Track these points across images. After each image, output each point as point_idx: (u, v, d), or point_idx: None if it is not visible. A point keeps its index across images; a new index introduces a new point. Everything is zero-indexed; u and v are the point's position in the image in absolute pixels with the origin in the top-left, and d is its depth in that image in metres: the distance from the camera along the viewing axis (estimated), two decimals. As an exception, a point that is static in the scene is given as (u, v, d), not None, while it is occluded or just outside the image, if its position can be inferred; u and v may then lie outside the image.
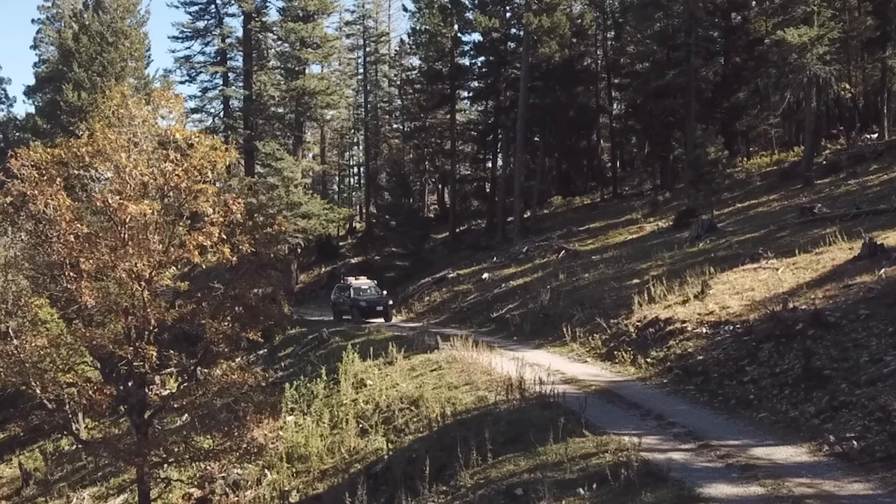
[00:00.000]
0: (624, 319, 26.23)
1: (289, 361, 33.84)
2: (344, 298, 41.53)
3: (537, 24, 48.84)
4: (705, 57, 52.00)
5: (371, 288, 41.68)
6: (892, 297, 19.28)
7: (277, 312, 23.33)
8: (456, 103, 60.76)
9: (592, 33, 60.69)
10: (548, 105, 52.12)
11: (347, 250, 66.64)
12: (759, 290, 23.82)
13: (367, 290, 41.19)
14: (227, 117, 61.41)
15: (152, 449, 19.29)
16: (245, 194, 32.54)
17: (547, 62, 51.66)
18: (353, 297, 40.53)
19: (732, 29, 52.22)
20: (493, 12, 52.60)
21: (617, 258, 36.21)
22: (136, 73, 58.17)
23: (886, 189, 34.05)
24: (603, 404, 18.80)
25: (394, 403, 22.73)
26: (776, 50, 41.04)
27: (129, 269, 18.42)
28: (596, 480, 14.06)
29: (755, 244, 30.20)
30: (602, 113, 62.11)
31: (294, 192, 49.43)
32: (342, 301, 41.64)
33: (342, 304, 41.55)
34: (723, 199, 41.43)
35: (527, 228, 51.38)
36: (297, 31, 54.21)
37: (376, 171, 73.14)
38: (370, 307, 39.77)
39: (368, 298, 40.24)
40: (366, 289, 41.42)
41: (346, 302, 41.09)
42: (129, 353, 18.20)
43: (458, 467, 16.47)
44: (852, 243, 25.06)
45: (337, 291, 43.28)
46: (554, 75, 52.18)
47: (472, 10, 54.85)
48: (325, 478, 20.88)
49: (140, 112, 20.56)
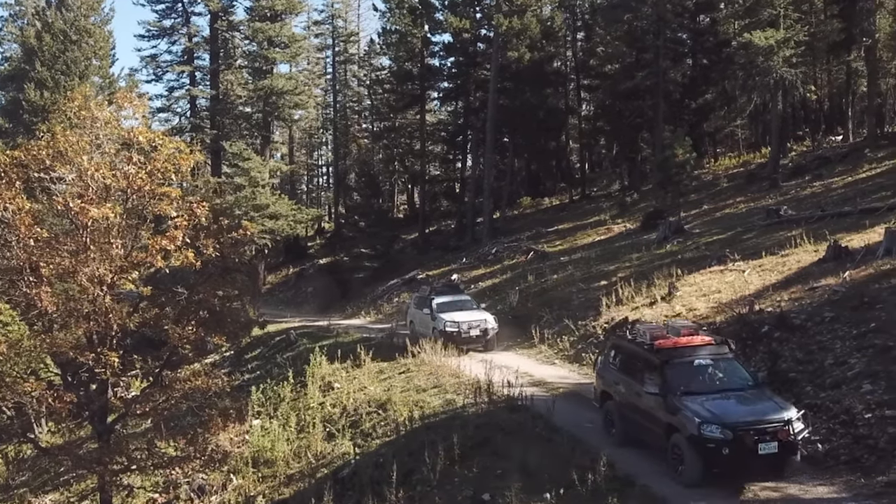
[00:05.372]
0: (592, 321, 26.29)
1: (256, 364, 33.49)
2: (422, 318, 29.33)
3: (507, 25, 48.85)
4: (674, 59, 52.30)
5: (462, 302, 29.47)
6: (856, 300, 19.47)
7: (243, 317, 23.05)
8: (426, 104, 60.61)
9: (562, 35, 60.79)
10: (517, 106, 52.13)
11: (316, 251, 66.27)
12: (725, 292, 23.98)
13: (457, 306, 28.76)
14: (193, 117, 60.84)
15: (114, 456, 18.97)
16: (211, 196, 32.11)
17: (517, 63, 51.68)
18: (435, 315, 28.13)
19: (700, 31, 52.60)
20: (463, 13, 52.50)
21: (585, 259, 36.29)
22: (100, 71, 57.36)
23: (851, 191, 34.41)
24: (571, 407, 18.83)
25: (361, 407, 22.56)
26: (743, 52, 41.30)
27: (91, 274, 18.07)
28: (563, 485, 14.08)
29: (722, 246, 30.38)
30: (571, 114, 62.25)
31: (261, 192, 49.04)
32: (420, 321, 29.52)
33: (420, 325, 29.45)
34: (690, 200, 41.69)
35: (496, 229, 51.37)
36: (265, 31, 53.84)
37: (345, 171, 72.81)
38: (462, 332, 27.29)
39: (459, 319, 27.66)
40: (454, 303, 29.05)
41: (423, 322, 29.11)
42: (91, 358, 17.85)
43: (426, 471, 16.39)
44: (817, 245, 25.30)
45: (412, 306, 31.19)
46: (524, 77, 52.21)
47: (442, 10, 54.73)
48: (292, 483, 20.66)
49: (102, 114, 20.16)
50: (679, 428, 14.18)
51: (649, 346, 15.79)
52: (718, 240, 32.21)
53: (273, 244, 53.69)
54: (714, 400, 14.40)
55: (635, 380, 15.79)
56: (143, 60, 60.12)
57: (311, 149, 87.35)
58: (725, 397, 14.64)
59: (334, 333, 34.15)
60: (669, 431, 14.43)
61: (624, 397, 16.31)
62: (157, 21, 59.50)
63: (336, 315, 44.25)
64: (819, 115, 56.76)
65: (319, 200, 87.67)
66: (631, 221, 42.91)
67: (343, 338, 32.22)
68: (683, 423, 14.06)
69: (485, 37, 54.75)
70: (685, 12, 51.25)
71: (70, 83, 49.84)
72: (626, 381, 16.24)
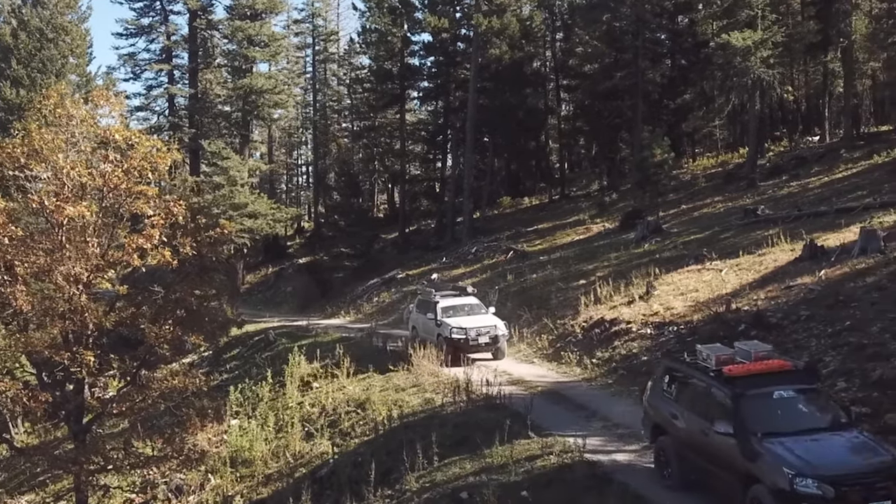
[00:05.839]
0: (570, 320, 26.37)
1: (234, 364, 33.36)
2: (425, 323, 26.62)
3: (487, 25, 48.87)
4: (652, 59, 52.53)
5: (470, 306, 26.55)
6: (831, 299, 19.65)
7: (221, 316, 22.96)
8: (406, 103, 60.51)
9: (541, 35, 60.87)
10: (497, 106, 52.17)
11: (295, 250, 66.05)
12: (703, 291, 24.12)
13: (464, 310, 26.12)
14: (172, 116, 60.53)
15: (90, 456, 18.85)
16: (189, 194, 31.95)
17: (496, 63, 51.71)
18: (440, 320, 25.45)
19: (679, 32, 52.85)
20: (442, 13, 52.48)
21: (564, 259, 36.39)
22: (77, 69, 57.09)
23: (827, 191, 34.71)
24: (549, 405, 18.89)
25: (340, 406, 22.55)
26: (721, 53, 41.52)
27: (67, 273, 17.97)
28: (540, 483, 14.12)
29: (700, 245, 30.56)
30: (551, 114, 62.37)
31: (240, 191, 48.85)
32: (423, 327, 26.76)
33: (423, 331, 26.68)
34: (668, 200, 41.89)
35: (476, 229, 51.39)
36: (245, 30, 53.63)
37: (325, 170, 72.56)
38: (469, 339, 24.70)
39: (467, 325, 24.98)
40: (461, 307, 26.32)
41: (426, 327, 26.42)
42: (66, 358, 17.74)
43: (404, 471, 16.41)
44: (794, 245, 25.50)
45: (416, 309, 28.13)
46: (503, 76, 52.26)
47: (421, 10, 54.69)
48: (270, 482, 20.62)
49: (78, 112, 20.05)
50: (761, 478, 11.40)
51: (716, 374, 12.90)
52: (696, 239, 32.39)
53: (252, 243, 53.50)
54: (804, 443, 11.56)
55: (699, 414, 12.94)
56: (120, 59, 59.83)
57: (291, 148, 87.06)
58: (817, 440, 11.76)
59: (313, 333, 34.06)
60: (747, 482, 11.69)
61: (684, 434, 13.35)
62: (135, 19, 59.18)
63: (315, 315, 44.15)
64: (796, 116, 57.19)
65: (299, 200, 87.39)
66: (610, 221, 43.07)
67: (322, 337, 32.13)
68: (768, 473, 11.31)
69: (464, 36, 54.81)
70: (664, 13, 51.48)
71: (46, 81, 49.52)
72: (687, 414, 13.28)
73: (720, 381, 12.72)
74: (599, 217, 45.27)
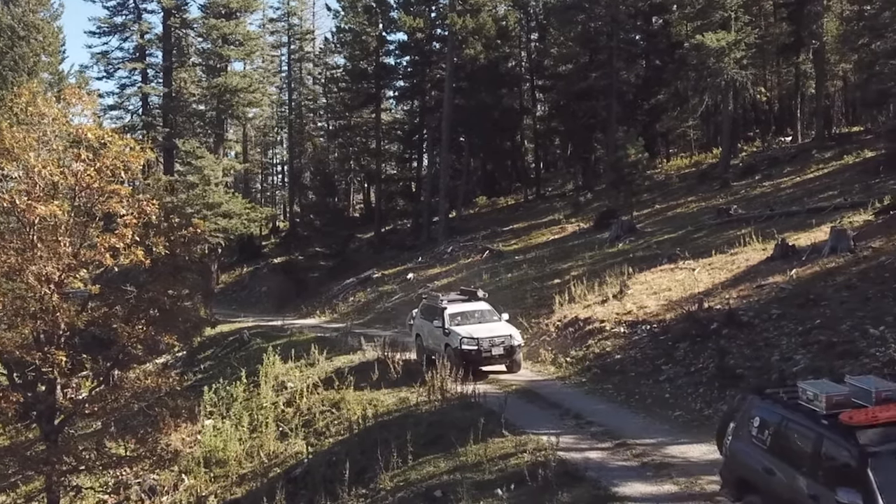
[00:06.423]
0: (545, 319, 26.49)
1: (208, 364, 33.25)
2: (431, 331, 23.62)
3: (462, 24, 48.93)
4: (627, 60, 52.80)
5: (481, 312, 23.71)
6: (802, 297, 19.88)
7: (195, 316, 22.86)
8: (381, 102, 60.49)
9: (516, 35, 61.05)
10: (473, 106, 52.26)
11: (270, 250, 65.81)
12: (675, 290, 24.31)
13: (475, 317, 23.35)
14: (146, 115, 60.02)
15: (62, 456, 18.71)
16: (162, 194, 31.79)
17: (472, 63, 51.80)
18: (447, 328, 22.61)
19: (653, 32, 53.15)
20: (417, 12, 52.48)
21: (539, 258, 36.54)
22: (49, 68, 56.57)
23: (799, 191, 35.08)
24: (523, 404, 18.96)
25: (315, 406, 22.50)
26: (695, 54, 41.83)
27: (38, 272, 17.83)
28: (514, 481, 14.17)
29: (673, 245, 30.80)
30: (526, 114, 62.56)
31: (214, 190, 48.56)
32: (429, 335, 23.82)
33: (429, 340, 23.84)
34: (643, 200, 42.14)
35: (452, 228, 51.44)
36: (219, 28, 53.34)
37: (300, 169, 72.36)
38: (482, 351, 21.93)
39: (478, 334, 22.14)
40: (471, 313, 23.51)
41: (433, 336, 23.50)
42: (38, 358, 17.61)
43: (379, 470, 16.41)
44: (766, 244, 25.76)
45: (420, 315, 25.20)
46: (479, 76, 52.36)
47: (396, 9, 54.69)
48: (244, 482, 20.56)
49: (50, 110, 19.92)
50: None
51: (830, 422, 9.41)
52: (669, 239, 32.64)
53: (226, 243, 53.19)
54: None
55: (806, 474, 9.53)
56: (93, 57, 59.30)
57: (266, 147, 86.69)
58: None
59: (288, 333, 33.99)
60: None
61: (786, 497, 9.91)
62: (109, 17, 58.54)
63: (291, 315, 44.00)
64: (769, 117, 57.74)
65: (274, 199, 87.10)
66: (584, 221, 43.27)
67: (297, 337, 32.07)
68: None
69: (440, 36, 54.82)
70: (638, 14, 51.80)
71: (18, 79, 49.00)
72: (789, 471, 9.86)
73: (838, 433, 9.30)
74: (574, 217, 45.46)
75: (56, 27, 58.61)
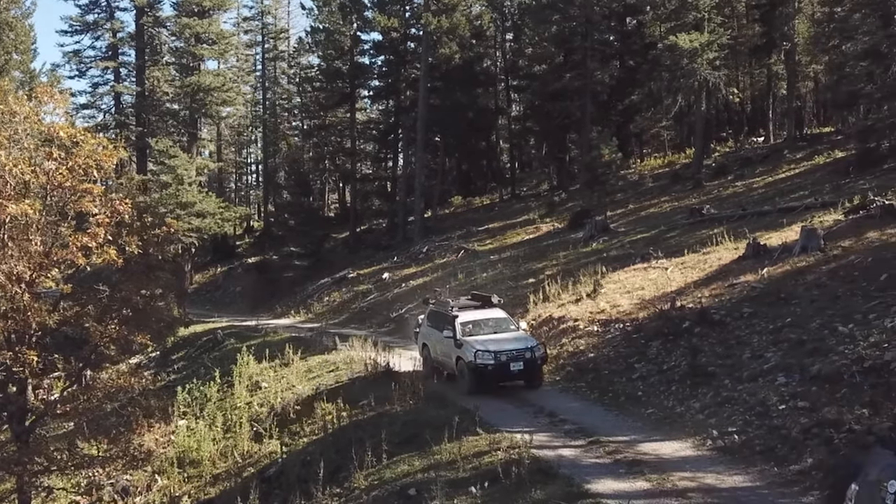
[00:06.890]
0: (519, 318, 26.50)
1: (182, 364, 33.07)
2: (440, 341, 21.05)
3: (436, 24, 48.98)
4: (601, 60, 53.07)
5: (496, 320, 21.04)
6: (773, 296, 20.09)
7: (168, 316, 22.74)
8: (356, 102, 60.47)
9: (491, 35, 61.25)
10: (448, 106, 52.37)
11: (245, 250, 65.55)
12: (648, 289, 24.48)
13: (489, 326, 20.74)
14: (118, 114, 59.62)
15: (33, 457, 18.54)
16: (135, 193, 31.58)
17: (447, 63, 51.90)
18: (461, 340, 20.04)
19: (627, 33, 53.53)
20: (392, 12, 52.50)
21: (514, 258, 36.66)
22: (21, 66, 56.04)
23: (770, 191, 35.44)
24: (497, 402, 18.98)
25: (289, 406, 22.44)
26: (669, 54, 42.16)
27: (9, 271, 17.67)
28: (488, 478, 14.21)
29: (646, 244, 31.02)
30: (501, 114, 62.76)
31: (188, 190, 48.26)
32: (438, 346, 21.31)
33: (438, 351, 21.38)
34: (616, 199, 42.42)
35: (427, 228, 51.51)
36: (192, 27, 53.09)
37: (275, 169, 72.13)
38: (501, 367, 19.39)
39: (495, 346, 19.57)
40: (485, 322, 20.88)
41: (442, 347, 20.95)
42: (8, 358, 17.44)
43: (353, 469, 16.41)
44: (738, 243, 25.99)
45: (427, 323, 22.33)
46: (454, 76, 52.48)
47: (371, 9, 54.65)
48: (218, 482, 20.47)
49: (22, 108, 19.73)
50: None
51: None
52: (643, 238, 32.86)
53: (200, 243, 52.89)
54: None
55: None
56: (66, 56, 59.01)
57: (240, 146, 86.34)
58: None
59: (262, 333, 33.88)
60: None
61: None
62: (81, 16, 58.22)
63: (265, 315, 43.88)
64: (742, 117, 58.25)
65: (248, 199, 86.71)
66: (559, 220, 43.46)
67: (271, 337, 31.96)
68: None
69: (415, 36, 54.88)
70: (612, 15, 52.14)
71: (-12, 77, 48.43)
72: None
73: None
74: (549, 217, 45.65)
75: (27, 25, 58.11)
